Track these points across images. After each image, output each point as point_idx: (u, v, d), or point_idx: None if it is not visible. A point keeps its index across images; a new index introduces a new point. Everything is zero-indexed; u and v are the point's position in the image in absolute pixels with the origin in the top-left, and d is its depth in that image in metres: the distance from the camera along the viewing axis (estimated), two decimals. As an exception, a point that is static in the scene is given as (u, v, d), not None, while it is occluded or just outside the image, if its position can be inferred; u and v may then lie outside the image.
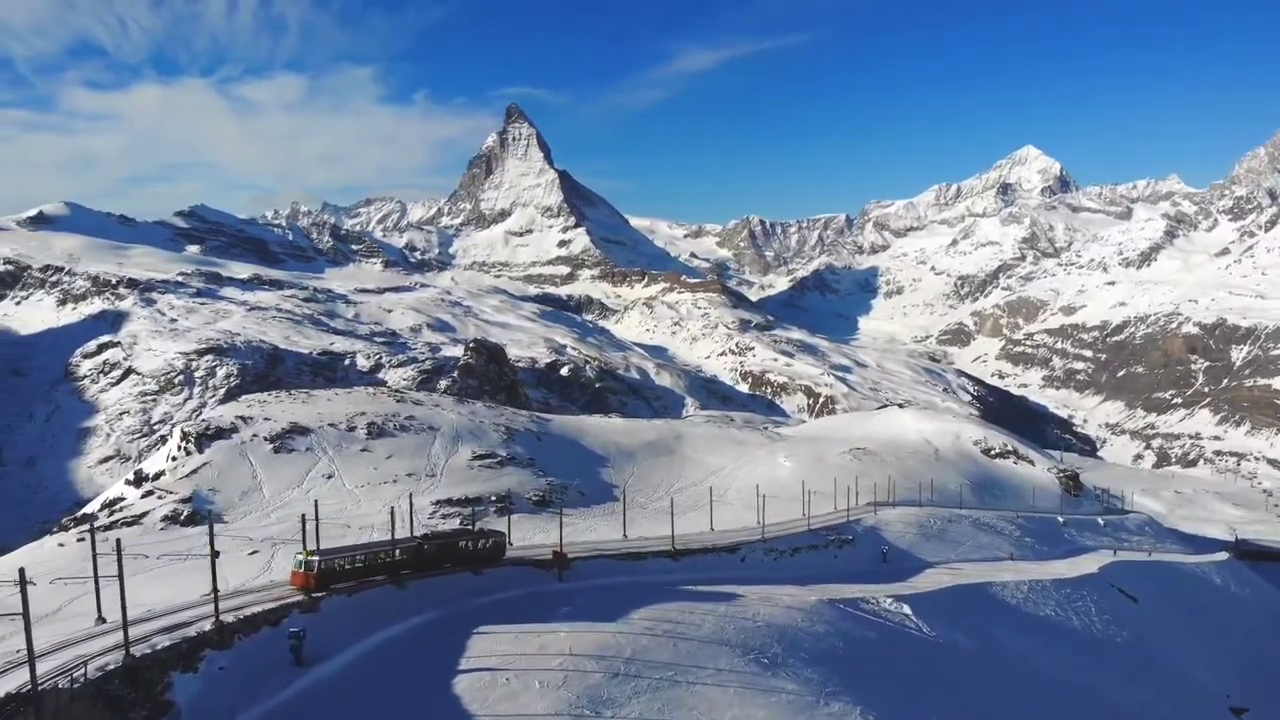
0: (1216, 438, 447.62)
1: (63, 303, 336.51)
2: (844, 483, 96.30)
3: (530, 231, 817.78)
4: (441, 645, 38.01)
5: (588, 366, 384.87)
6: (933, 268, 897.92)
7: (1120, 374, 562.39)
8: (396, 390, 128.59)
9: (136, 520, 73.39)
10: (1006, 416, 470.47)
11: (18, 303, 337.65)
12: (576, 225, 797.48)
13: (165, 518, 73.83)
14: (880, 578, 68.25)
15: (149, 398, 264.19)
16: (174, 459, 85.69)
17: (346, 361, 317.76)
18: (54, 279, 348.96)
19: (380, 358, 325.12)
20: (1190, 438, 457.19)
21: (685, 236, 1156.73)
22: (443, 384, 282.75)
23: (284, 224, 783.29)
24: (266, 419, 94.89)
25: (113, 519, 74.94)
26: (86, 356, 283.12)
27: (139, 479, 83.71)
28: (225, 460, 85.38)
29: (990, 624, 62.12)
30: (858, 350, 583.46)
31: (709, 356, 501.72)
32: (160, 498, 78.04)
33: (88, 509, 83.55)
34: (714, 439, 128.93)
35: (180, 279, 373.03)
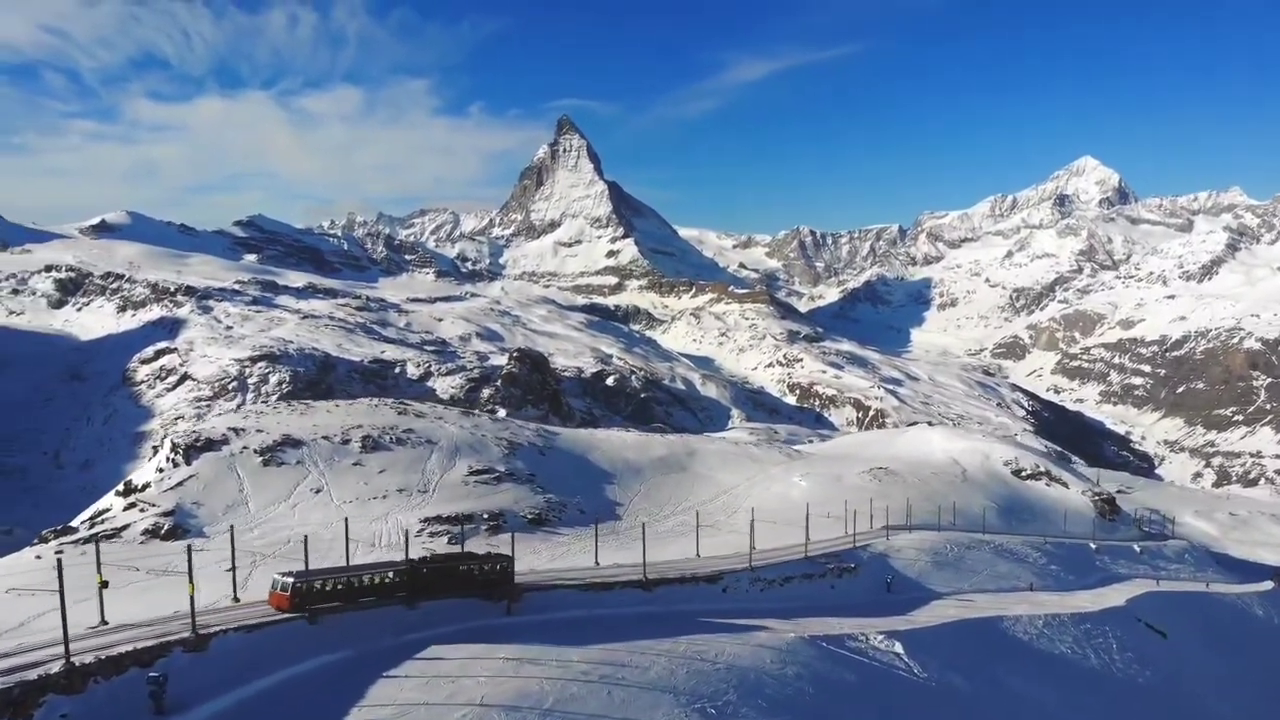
0: (1279, 456, 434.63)
1: (122, 309, 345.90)
2: (861, 504, 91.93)
3: (579, 242, 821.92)
4: (338, 691, 34.13)
5: (633, 376, 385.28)
6: (987, 280, 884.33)
7: (1180, 390, 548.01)
8: (400, 402, 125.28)
9: (117, 533, 72.01)
10: (1062, 432, 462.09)
11: (79, 309, 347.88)
12: (625, 236, 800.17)
13: (146, 531, 72.22)
14: (879, 610, 63.96)
15: (203, 403, 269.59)
16: (161, 470, 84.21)
17: (397, 370, 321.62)
18: (114, 286, 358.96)
19: (429, 366, 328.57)
20: (1251, 456, 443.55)
21: (734, 247, 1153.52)
22: (486, 393, 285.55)
23: (339, 234, 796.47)
24: (259, 431, 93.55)
25: (93, 531, 73.20)
26: (144, 362, 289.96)
27: (128, 490, 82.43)
28: (212, 473, 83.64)
29: (995, 663, 58.15)
30: (909, 363, 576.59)
31: (756, 368, 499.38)
32: (143, 510, 76.66)
33: (76, 521, 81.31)
34: (729, 456, 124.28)
35: (237, 287, 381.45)
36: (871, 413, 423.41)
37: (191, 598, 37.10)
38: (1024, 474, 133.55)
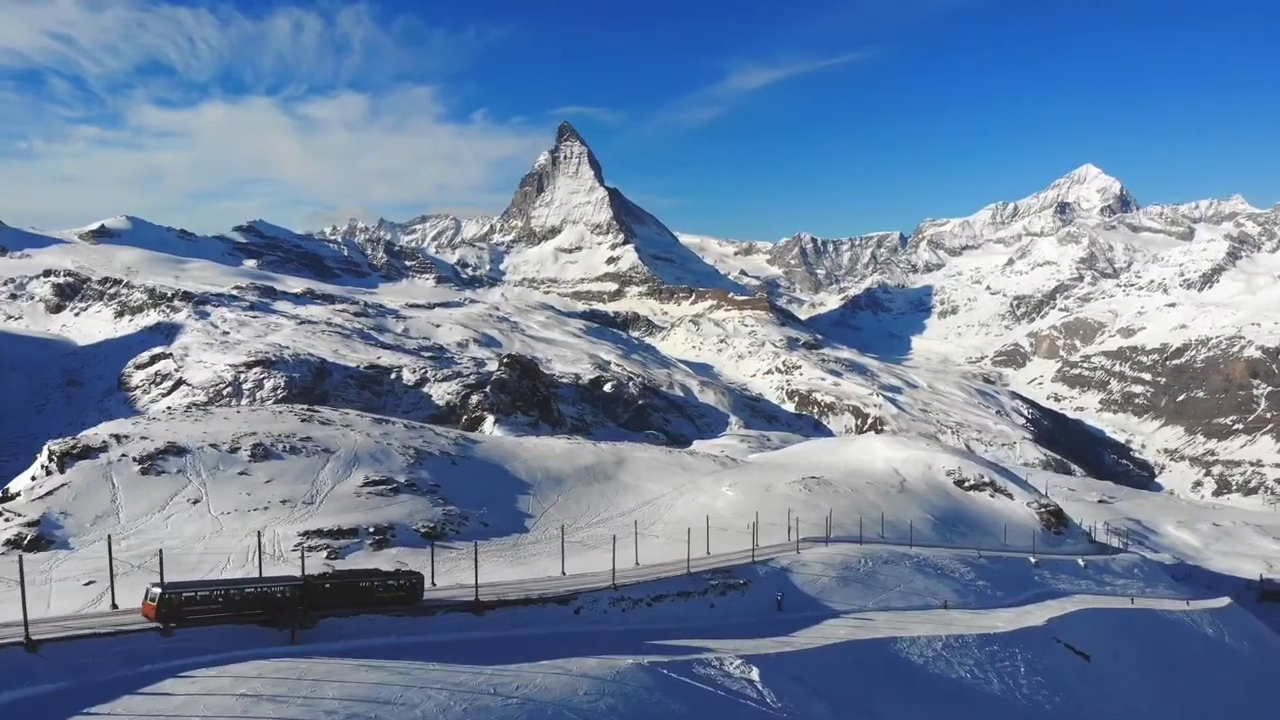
0: (1278, 465, 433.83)
1: (120, 314, 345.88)
2: (792, 515, 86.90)
3: (579, 249, 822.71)
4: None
5: (631, 383, 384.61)
6: (988, 287, 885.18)
7: (1180, 398, 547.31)
8: (309, 409, 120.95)
9: (-23, 543, 69.43)
10: (1062, 440, 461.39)
11: (76, 314, 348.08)
12: (625, 242, 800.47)
13: (8, 542, 69.30)
14: (758, 631, 58.14)
15: (198, 409, 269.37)
16: (34, 478, 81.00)
17: (393, 375, 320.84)
18: (112, 291, 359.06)
19: (426, 372, 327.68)
20: (1251, 465, 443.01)
21: (735, 254, 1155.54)
22: (475, 399, 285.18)
23: (340, 240, 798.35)
24: (143, 438, 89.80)
25: (-47, 541, 70.61)
26: (139, 367, 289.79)
27: (5, 497, 79.49)
28: (85, 481, 79.91)
29: (875, 689, 52.84)
30: (909, 370, 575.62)
31: (755, 375, 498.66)
32: (8, 520, 73.60)
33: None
34: (659, 465, 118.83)
35: (235, 292, 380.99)
36: (870, 420, 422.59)
37: None
38: (967, 484, 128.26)
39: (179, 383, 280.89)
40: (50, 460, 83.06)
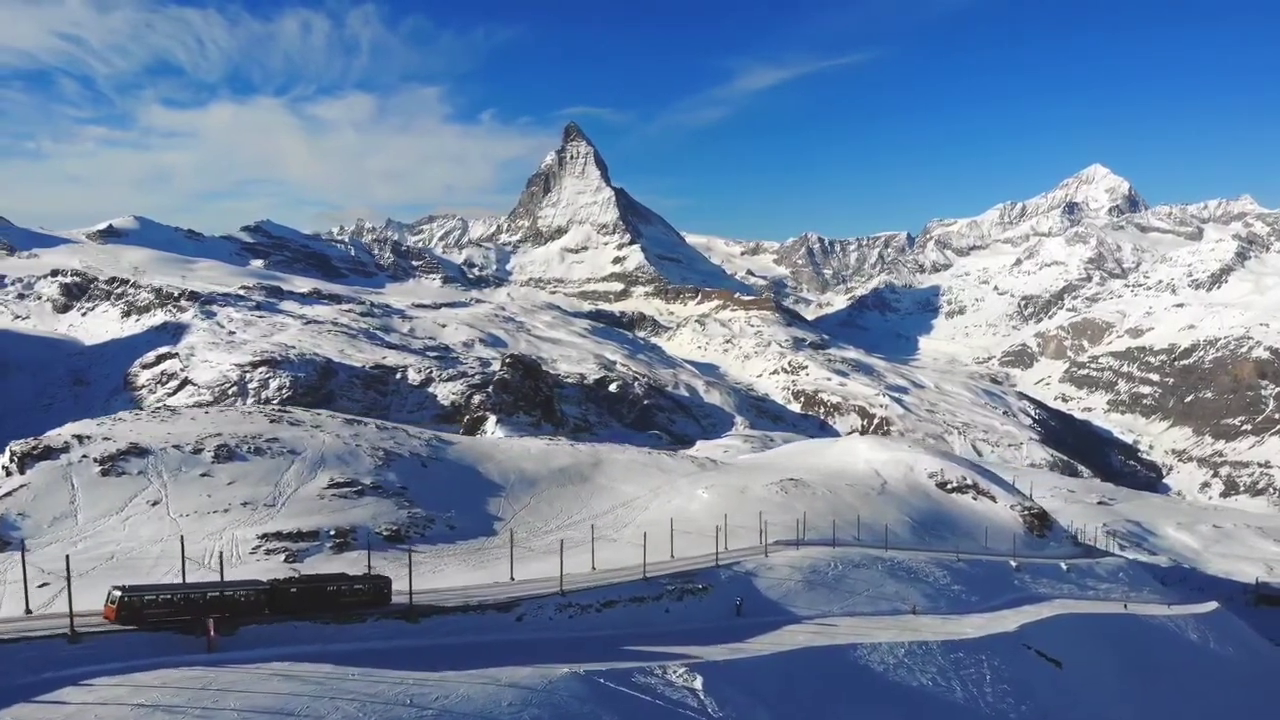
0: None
1: (126, 314, 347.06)
2: (767, 517, 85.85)
3: (585, 248, 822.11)
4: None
5: (636, 383, 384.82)
6: (996, 287, 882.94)
7: (1188, 399, 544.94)
8: (280, 409, 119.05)
9: (-67, 543, 69.53)
10: (1069, 441, 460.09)
11: (84, 314, 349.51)
12: (631, 242, 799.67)
13: None
14: (713, 638, 56.28)
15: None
16: None
17: (398, 375, 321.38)
18: (119, 291, 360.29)
19: (431, 372, 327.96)
20: (1260, 465, 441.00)
21: (742, 254, 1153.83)
22: (477, 399, 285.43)
23: (347, 240, 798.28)
24: (106, 438, 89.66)
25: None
26: (145, 367, 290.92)
27: None
28: (45, 482, 79.96)
29: (829, 697, 51.03)
30: (916, 371, 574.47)
31: (761, 375, 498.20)
32: None
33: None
34: (636, 466, 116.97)
35: (242, 292, 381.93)
36: (876, 420, 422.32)
37: None
38: (949, 486, 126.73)
39: (185, 382, 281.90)
40: (11, 460, 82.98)
